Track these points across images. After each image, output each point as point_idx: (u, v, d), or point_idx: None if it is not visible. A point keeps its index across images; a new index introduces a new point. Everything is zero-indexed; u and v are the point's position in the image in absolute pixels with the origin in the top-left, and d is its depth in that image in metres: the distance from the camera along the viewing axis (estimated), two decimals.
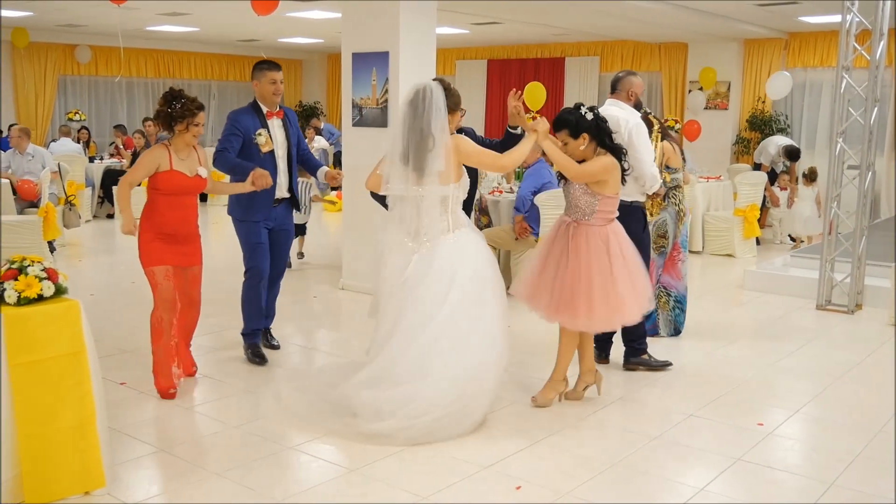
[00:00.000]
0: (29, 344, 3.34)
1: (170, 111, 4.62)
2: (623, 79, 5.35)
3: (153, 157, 4.65)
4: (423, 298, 4.24)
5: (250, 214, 5.27)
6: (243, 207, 5.29)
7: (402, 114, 4.29)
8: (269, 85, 5.23)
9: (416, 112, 4.21)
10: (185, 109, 4.61)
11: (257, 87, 5.28)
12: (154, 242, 4.67)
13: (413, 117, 4.22)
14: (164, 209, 4.68)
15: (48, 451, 3.39)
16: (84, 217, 11.05)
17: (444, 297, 4.22)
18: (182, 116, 4.62)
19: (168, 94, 4.69)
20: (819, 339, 6.32)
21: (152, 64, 16.44)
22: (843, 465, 4.00)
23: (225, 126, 5.24)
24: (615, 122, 5.04)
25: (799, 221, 10.09)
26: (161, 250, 4.67)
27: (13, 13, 11.78)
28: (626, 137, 5.06)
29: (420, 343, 4.19)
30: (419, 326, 4.21)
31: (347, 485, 3.74)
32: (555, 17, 10.94)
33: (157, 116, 4.78)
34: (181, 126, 4.65)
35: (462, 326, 4.21)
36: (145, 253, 4.68)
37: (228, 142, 5.17)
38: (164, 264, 4.68)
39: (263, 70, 5.26)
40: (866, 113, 6.95)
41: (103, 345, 5.59)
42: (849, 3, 6.96)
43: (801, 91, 12.83)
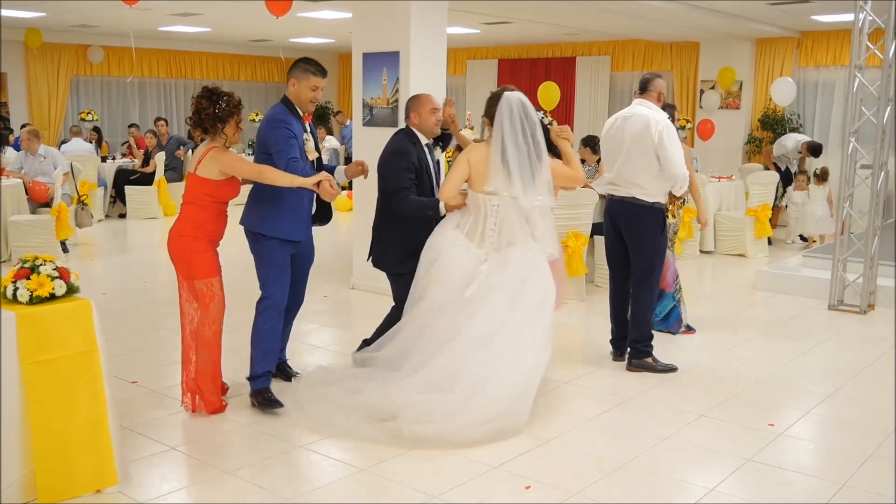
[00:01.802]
0: (41, 343, 3.37)
1: (216, 111, 4.30)
2: (653, 80, 5.40)
3: (235, 155, 4.41)
4: (495, 308, 4.32)
5: (287, 231, 4.49)
6: (274, 221, 4.47)
7: (502, 125, 4.32)
8: (310, 91, 4.56)
9: (521, 124, 4.30)
10: (231, 107, 4.34)
11: (294, 87, 4.56)
12: (209, 253, 4.40)
13: (516, 130, 4.29)
14: (216, 217, 4.42)
15: (61, 450, 3.41)
16: (96, 217, 11.12)
17: (514, 307, 4.35)
18: (231, 114, 4.34)
19: (207, 93, 4.36)
20: (831, 340, 6.29)
21: (164, 64, 16.51)
22: (856, 465, 3.98)
23: (278, 131, 4.38)
24: (645, 123, 5.15)
25: (811, 221, 10.04)
26: (216, 261, 4.45)
27: (26, 14, 11.85)
28: (656, 139, 5.13)
29: (490, 352, 4.29)
30: (490, 335, 4.30)
31: (358, 484, 3.75)
32: (566, 16, 10.91)
33: (198, 119, 4.35)
34: (230, 125, 4.35)
35: (526, 335, 4.35)
36: (205, 264, 4.37)
37: (294, 150, 4.38)
38: (217, 274, 4.45)
39: (308, 73, 4.56)
40: (879, 112, 6.91)
41: (115, 343, 5.62)
42: (862, 1, 6.92)
43: (813, 90, 12.77)
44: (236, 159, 4.37)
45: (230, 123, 4.34)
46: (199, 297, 4.42)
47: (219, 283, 4.45)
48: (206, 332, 4.45)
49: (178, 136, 13.47)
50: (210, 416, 4.49)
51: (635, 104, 5.37)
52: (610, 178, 5.39)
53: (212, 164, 4.29)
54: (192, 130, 4.44)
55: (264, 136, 4.47)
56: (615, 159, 5.33)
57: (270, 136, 4.41)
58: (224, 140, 4.36)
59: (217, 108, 4.30)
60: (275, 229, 4.48)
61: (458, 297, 4.37)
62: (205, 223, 4.38)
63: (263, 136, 4.48)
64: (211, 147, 4.34)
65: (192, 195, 4.37)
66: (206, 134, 4.37)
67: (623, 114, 5.39)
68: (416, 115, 4.85)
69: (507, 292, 4.37)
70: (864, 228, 7.16)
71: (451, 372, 4.27)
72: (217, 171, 4.30)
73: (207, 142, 4.40)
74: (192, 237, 4.35)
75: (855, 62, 6.99)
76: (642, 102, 5.34)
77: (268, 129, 4.45)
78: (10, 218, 8.71)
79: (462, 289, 4.37)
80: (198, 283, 4.39)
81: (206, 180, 4.32)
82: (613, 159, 5.35)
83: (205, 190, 4.33)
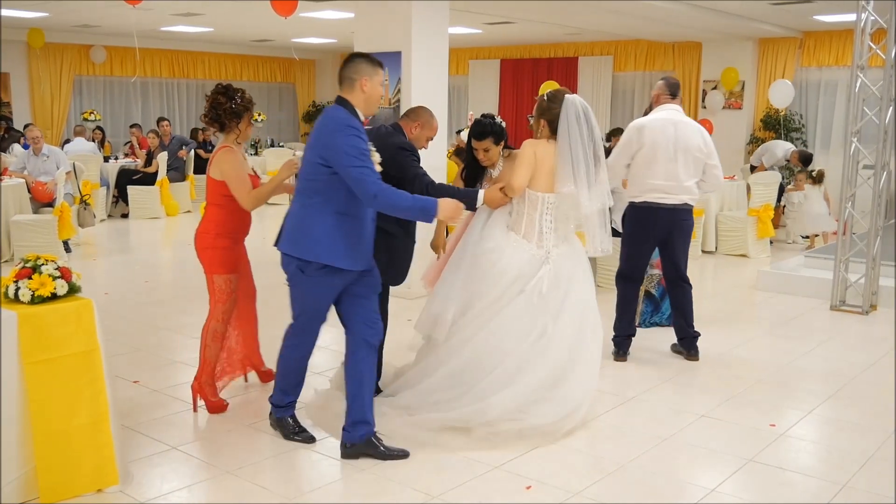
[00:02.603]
0: (43, 342, 3.37)
1: (233, 106, 4.38)
2: (680, 85, 5.50)
3: (241, 164, 4.39)
4: (572, 301, 4.36)
5: (352, 260, 3.85)
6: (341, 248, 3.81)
7: (568, 127, 4.28)
8: (380, 87, 3.96)
9: (586, 126, 4.29)
10: (246, 102, 4.44)
11: (366, 86, 3.85)
12: (230, 251, 4.50)
13: (582, 132, 4.28)
14: (236, 213, 4.46)
15: (62, 449, 3.42)
16: (99, 216, 11.13)
17: (586, 302, 4.42)
18: (245, 109, 4.44)
19: (223, 89, 4.43)
20: (833, 340, 6.28)
21: (167, 64, 16.53)
22: (857, 466, 3.98)
23: (350, 140, 3.70)
24: (696, 130, 5.36)
25: (809, 220, 10.05)
26: (235, 259, 4.53)
27: (29, 14, 11.87)
28: (705, 148, 5.33)
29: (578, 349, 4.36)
30: (577, 332, 4.37)
31: (359, 483, 3.75)
32: (568, 16, 10.91)
33: (215, 114, 4.41)
34: (244, 120, 4.44)
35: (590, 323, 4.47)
36: (223, 261, 4.46)
37: (373, 164, 3.76)
38: (237, 272, 4.55)
39: (377, 67, 3.92)
40: (881, 112, 6.90)
41: (117, 343, 5.64)
42: (864, 1, 6.91)
43: (815, 90, 12.76)
44: (233, 170, 4.36)
45: (244, 118, 4.46)
46: (214, 292, 4.52)
47: (235, 280, 4.53)
48: (216, 327, 4.55)
49: (180, 137, 13.49)
50: (212, 415, 4.50)
51: (672, 110, 5.39)
52: (657, 185, 5.34)
53: (217, 165, 4.40)
54: (208, 126, 4.54)
55: (327, 145, 3.73)
56: (663, 166, 5.30)
57: (341, 145, 3.68)
58: (237, 135, 4.47)
59: (233, 103, 4.41)
60: (341, 258, 3.84)
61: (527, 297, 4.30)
62: (226, 222, 4.47)
63: (325, 143, 3.74)
64: (221, 147, 4.43)
65: (210, 196, 4.49)
66: (222, 130, 4.48)
67: (670, 119, 5.36)
68: (419, 128, 4.56)
69: (579, 289, 4.42)
70: (867, 229, 7.16)
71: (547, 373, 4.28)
72: (220, 171, 4.39)
73: (221, 140, 4.50)
74: (214, 234, 4.47)
75: (857, 62, 6.98)
76: (678, 109, 5.42)
77: (335, 135, 3.71)
78: (13, 218, 8.73)
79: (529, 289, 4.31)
80: (216, 279, 4.50)
81: (216, 181, 4.42)
82: (661, 166, 5.30)
83: (217, 190, 4.42)
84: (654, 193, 5.37)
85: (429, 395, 4.32)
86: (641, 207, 5.45)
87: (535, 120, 4.52)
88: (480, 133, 4.64)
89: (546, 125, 4.40)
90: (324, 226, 3.76)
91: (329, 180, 3.72)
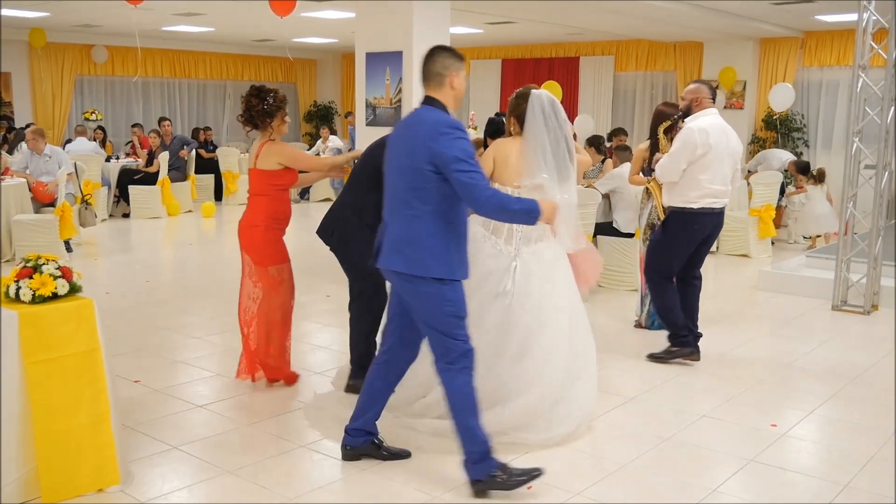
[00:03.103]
0: (44, 342, 3.37)
1: (265, 107, 4.65)
2: None
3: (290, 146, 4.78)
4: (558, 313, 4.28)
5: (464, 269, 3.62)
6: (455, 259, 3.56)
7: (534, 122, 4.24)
8: (465, 82, 3.69)
9: (554, 121, 4.26)
10: (278, 102, 4.69)
11: (455, 81, 3.59)
12: (281, 242, 4.80)
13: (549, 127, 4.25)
14: (283, 203, 4.78)
15: (63, 449, 3.42)
16: (100, 216, 11.13)
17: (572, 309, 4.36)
18: (278, 109, 4.69)
19: (256, 91, 4.70)
20: (834, 340, 6.28)
21: (168, 64, 16.54)
22: (858, 466, 3.97)
23: (458, 143, 3.43)
24: (735, 134, 5.46)
25: (812, 221, 10.04)
26: (286, 249, 4.84)
27: (30, 14, 11.88)
28: (736, 145, 5.41)
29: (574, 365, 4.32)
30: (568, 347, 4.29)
31: (360, 483, 3.75)
32: (569, 16, 10.91)
33: (248, 115, 4.68)
34: (276, 119, 4.69)
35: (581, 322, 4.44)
36: (277, 252, 4.78)
37: (478, 164, 3.52)
38: (288, 261, 4.86)
39: (461, 60, 3.65)
40: (883, 112, 6.90)
41: (118, 343, 5.64)
42: (865, 1, 6.91)
43: (817, 90, 12.75)
44: (293, 151, 4.78)
45: (277, 117, 4.69)
46: (270, 282, 4.79)
47: (288, 268, 4.85)
48: (276, 316, 4.84)
49: (181, 136, 13.50)
50: (205, 413, 4.50)
51: (716, 114, 5.38)
52: (714, 190, 5.31)
53: (269, 156, 4.65)
54: (243, 125, 4.78)
55: (433, 149, 3.42)
56: (720, 170, 5.30)
57: (450, 149, 3.40)
58: (270, 133, 4.70)
59: (265, 104, 4.66)
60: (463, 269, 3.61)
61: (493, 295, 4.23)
62: (275, 211, 4.73)
63: (431, 148, 3.42)
64: (264, 142, 4.69)
65: (258, 188, 4.73)
66: (256, 129, 4.74)
67: (720, 124, 5.36)
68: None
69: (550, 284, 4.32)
70: (868, 229, 7.15)
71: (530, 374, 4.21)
72: (275, 161, 4.65)
73: (259, 137, 4.75)
74: (264, 227, 4.72)
75: (858, 62, 6.97)
76: (717, 113, 5.43)
77: (441, 139, 3.42)
78: (14, 217, 8.73)
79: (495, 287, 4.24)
80: (271, 270, 4.77)
81: (268, 171, 4.67)
82: (718, 170, 5.29)
83: (268, 180, 4.69)
84: (710, 198, 5.33)
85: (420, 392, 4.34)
86: (696, 212, 5.34)
87: (507, 119, 4.53)
88: (497, 132, 4.67)
89: (516, 122, 4.39)
90: (436, 237, 3.48)
91: (439, 187, 3.45)
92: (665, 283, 5.58)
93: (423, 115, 3.56)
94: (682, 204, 5.35)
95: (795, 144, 12.67)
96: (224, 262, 9.26)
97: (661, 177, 5.41)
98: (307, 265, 8.76)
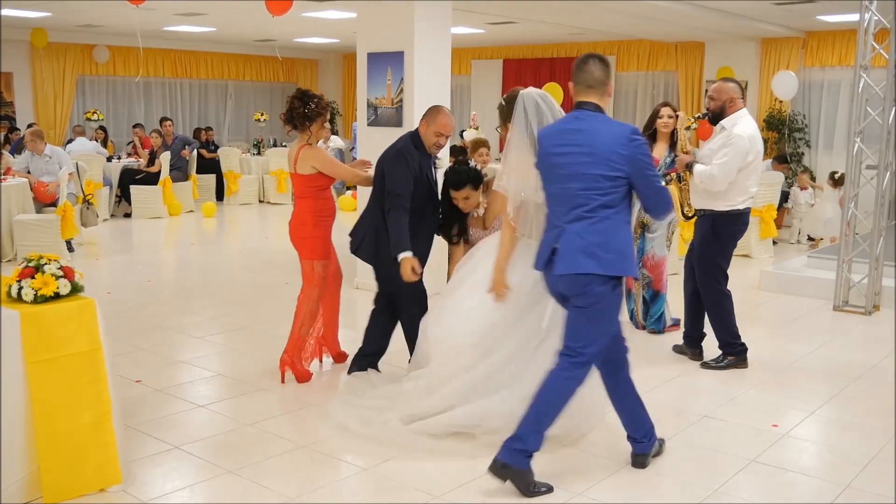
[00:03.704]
0: (46, 341, 3.38)
1: (306, 111, 4.85)
2: None
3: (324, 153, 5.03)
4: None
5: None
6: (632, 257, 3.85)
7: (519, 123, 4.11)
8: None
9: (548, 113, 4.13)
10: (319, 108, 4.88)
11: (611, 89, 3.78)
12: (324, 238, 5.04)
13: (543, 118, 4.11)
14: (327, 199, 5.02)
15: (65, 449, 3.42)
16: (101, 216, 11.14)
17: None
18: (318, 115, 4.87)
19: (300, 94, 4.91)
20: (836, 341, 6.27)
21: (169, 64, 16.54)
22: (859, 467, 3.97)
23: (644, 148, 3.66)
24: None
25: (820, 222, 10.04)
26: (325, 244, 5.06)
27: (32, 14, 11.89)
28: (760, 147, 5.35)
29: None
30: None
31: (361, 483, 3.75)
32: (570, 16, 10.91)
33: (290, 116, 4.90)
34: (317, 124, 4.89)
35: None
36: (319, 248, 5.01)
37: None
38: (328, 258, 5.09)
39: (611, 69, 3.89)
40: (884, 112, 6.90)
41: (120, 342, 5.64)
42: (867, 1, 6.91)
43: (818, 90, 12.74)
44: (327, 158, 4.99)
45: (317, 122, 4.89)
46: (311, 276, 5.03)
47: (326, 266, 5.07)
48: (311, 308, 5.06)
49: (183, 136, 13.51)
50: (207, 412, 4.50)
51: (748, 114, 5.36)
52: (753, 193, 5.36)
53: (305, 161, 4.87)
54: (285, 125, 4.99)
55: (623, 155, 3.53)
56: (758, 173, 5.36)
57: (641, 155, 3.58)
58: (309, 136, 4.91)
59: (307, 108, 4.86)
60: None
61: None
62: (321, 209, 4.98)
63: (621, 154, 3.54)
64: (301, 146, 4.90)
65: (301, 190, 4.98)
66: (295, 129, 4.95)
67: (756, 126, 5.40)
68: (425, 125, 4.76)
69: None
70: (869, 229, 7.15)
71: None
72: (310, 166, 4.86)
73: (297, 139, 4.98)
74: (313, 224, 4.97)
75: (860, 62, 6.97)
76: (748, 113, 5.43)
77: (630, 146, 3.56)
78: (16, 217, 8.74)
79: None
80: (316, 265, 5.02)
81: (307, 176, 4.89)
82: (757, 173, 5.35)
83: (308, 183, 4.92)
84: (750, 200, 5.37)
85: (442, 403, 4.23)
86: (742, 212, 5.36)
87: (502, 126, 4.40)
88: (458, 182, 4.68)
89: (509, 128, 4.25)
90: (623, 238, 3.60)
91: (625, 192, 3.58)
92: (723, 288, 5.45)
93: (598, 121, 3.64)
94: (728, 208, 5.32)
95: (797, 145, 12.66)
96: (225, 262, 9.28)
97: (711, 185, 5.24)
98: None
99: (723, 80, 5.49)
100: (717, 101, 5.31)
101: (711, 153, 5.28)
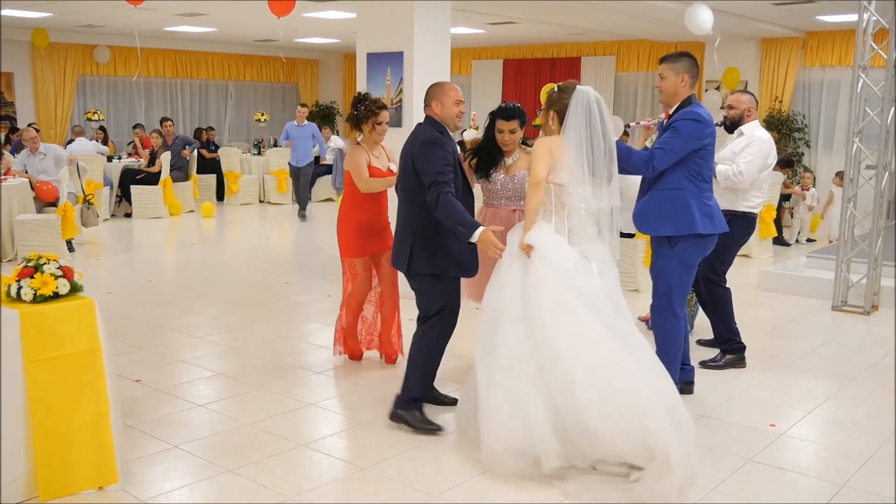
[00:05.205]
0: (45, 341, 3.39)
1: (356, 113, 5.07)
2: None
3: (359, 158, 5.08)
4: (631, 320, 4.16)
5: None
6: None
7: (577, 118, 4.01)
8: None
9: (599, 121, 4.04)
10: (368, 111, 5.05)
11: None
12: (354, 235, 5.16)
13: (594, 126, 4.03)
14: (364, 203, 5.13)
15: (63, 447, 3.43)
16: (102, 216, 11.16)
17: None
18: (367, 117, 5.06)
19: (354, 97, 5.14)
20: (834, 341, 6.28)
21: (170, 64, 16.57)
22: (857, 466, 3.98)
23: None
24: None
25: (835, 223, 10.04)
26: (362, 243, 5.17)
27: (33, 14, 11.91)
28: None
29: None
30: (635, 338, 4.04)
31: (359, 482, 3.76)
32: (571, 16, 10.92)
33: (348, 119, 5.20)
34: (367, 126, 5.08)
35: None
36: (347, 245, 5.20)
37: None
38: (364, 256, 5.21)
39: None
40: (883, 113, 6.90)
41: (119, 342, 5.66)
42: (865, 2, 6.91)
43: (818, 90, 12.75)
44: (357, 164, 5.06)
45: (367, 124, 5.09)
46: (348, 272, 5.28)
47: (361, 263, 5.24)
48: (352, 303, 5.36)
49: (183, 136, 13.52)
50: (205, 412, 4.52)
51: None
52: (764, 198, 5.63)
53: (348, 158, 5.14)
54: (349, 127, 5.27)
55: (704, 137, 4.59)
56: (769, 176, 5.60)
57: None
58: (361, 136, 5.16)
59: (357, 110, 5.08)
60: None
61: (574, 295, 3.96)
62: (352, 209, 5.17)
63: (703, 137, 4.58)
64: (354, 143, 5.19)
65: (347, 185, 5.18)
66: (354, 130, 5.20)
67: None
68: (439, 103, 4.31)
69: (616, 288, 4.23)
70: (868, 229, 7.16)
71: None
72: (349, 164, 5.10)
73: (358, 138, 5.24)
74: (355, 222, 5.16)
75: (859, 62, 6.98)
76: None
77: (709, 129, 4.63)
78: (17, 217, 8.76)
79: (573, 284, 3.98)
80: (356, 262, 5.23)
81: (347, 172, 5.13)
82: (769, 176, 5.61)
83: (349, 180, 5.12)
84: (761, 203, 5.59)
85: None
86: (755, 217, 5.61)
87: (545, 112, 4.26)
88: (510, 114, 4.73)
89: (555, 116, 4.13)
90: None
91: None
92: (724, 284, 5.64)
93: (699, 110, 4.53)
94: (747, 209, 5.52)
95: (797, 144, 12.67)
96: (225, 263, 9.28)
97: (738, 183, 5.36)
98: (308, 265, 8.79)
99: (740, 91, 5.81)
100: (736, 110, 5.63)
101: (733, 155, 5.48)
